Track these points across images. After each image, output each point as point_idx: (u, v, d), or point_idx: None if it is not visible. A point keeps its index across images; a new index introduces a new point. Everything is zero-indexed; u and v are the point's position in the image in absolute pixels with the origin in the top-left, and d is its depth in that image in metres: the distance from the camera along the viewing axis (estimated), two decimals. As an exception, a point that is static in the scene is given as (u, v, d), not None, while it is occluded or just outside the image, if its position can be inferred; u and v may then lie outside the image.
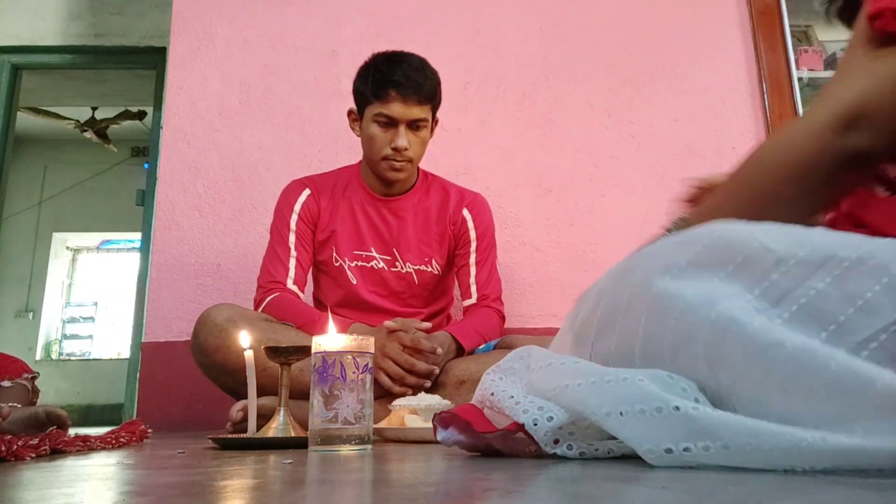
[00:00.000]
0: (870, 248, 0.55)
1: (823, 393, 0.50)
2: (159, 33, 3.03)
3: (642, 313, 0.61)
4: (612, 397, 0.58)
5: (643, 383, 0.57)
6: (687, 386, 0.57)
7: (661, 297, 0.60)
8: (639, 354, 0.63)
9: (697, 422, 0.54)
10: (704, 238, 0.60)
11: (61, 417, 1.08)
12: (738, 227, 0.60)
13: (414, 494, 0.47)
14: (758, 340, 0.54)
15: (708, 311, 0.57)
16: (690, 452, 0.53)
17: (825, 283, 0.55)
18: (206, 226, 2.20)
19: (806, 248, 0.57)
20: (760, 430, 0.51)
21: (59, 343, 6.19)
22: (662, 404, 0.55)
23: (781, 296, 0.56)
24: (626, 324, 0.63)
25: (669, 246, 0.62)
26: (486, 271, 1.72)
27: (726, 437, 0.52)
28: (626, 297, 0.63)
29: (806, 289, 0.56)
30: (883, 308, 0.53)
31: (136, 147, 6.01)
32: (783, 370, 0.52)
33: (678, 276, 0.60)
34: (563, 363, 0.66)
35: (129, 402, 2.72)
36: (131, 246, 6.32)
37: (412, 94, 1.55)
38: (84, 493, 0.52)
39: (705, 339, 0.57)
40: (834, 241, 0.57)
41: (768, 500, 0.40)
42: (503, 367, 0.76)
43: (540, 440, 0.63)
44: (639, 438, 0.56)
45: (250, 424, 1.11)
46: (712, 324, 0.56)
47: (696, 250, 0.60)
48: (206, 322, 1.48)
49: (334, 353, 0.91)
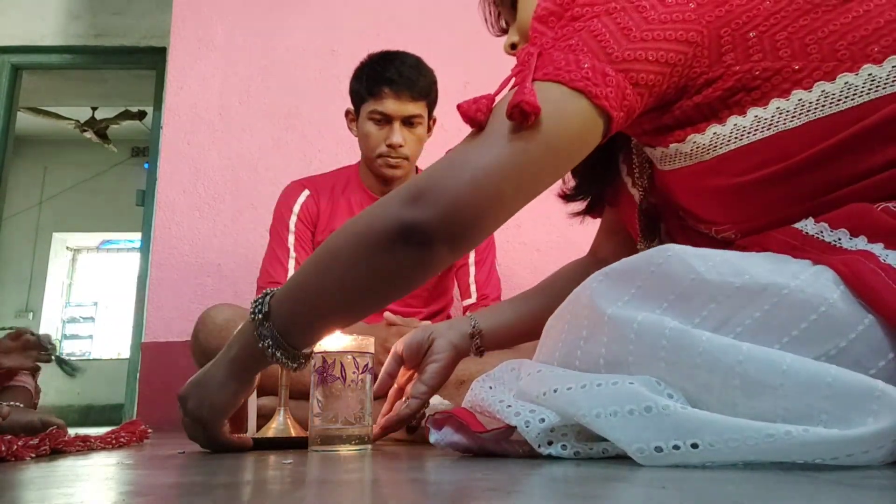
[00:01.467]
0: (804, 280, 0.57)
1: (781, 389, 0.53)
2: (159, 33, 3.03)
3: (602, 339, 0.63)
4: (602, 399, 0.59)
5: (633, 386, 0.58)
6: (673, 392, 0.59)
7: (614, 321, 0.61)
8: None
9: (686, 421, 0.55)
10: (643, 272, 0.62)
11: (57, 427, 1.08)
12: (676, 259, 0.61)
13: (414, 494, 0.47)
14: (713, 347, 0.56)
15: (661, 328, 0.58)
16: (679, 451, 0.54)
17: (763, 311, 0.57)
18: (206, 226, 2.20)
19: (743, 278, 0.58)
20: (745, 427, 0.53)
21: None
22: (651, 403, 0.57)
23: (720, 325, 0.58)
24: (587, 353, 0.64)
25: (611, 280, 0.63)
26: (485, 271, 1.72)
27: (713, 435, 0.53)
28: (585, 331, 0.64)
29: (742, 317, 0.58)
30: (814, 339, 0.55)
31: (136, 147, 6.01)
32: (742, 371, 0.54)
33: (623, 307, 0.62)
34: (552, 370, 0.67)
35: (129, 402, 2.72)
36: (131, 246, 6.32)
37: (406, 91, 1.56)
38: (84, 493, 0.52)
39: (664, 354, 0.58)
40: (771, 271, 0.59)
41: (768, 500, 0.40)
42: (493, 376, 0.77)
43: (532, 441, 0.64)
44: (628, 438, 0.57)
45: (250, 424, 1.11)
46: (668, 339, 0.58)
47: (637, 284, 0.62)
48: (206, 322, 1.48)
49: (334, 353, 0.91)
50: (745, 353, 0.55)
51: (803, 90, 0.63)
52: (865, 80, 0.62)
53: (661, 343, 0.59)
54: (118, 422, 1.77)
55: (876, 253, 0.58)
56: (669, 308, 0.61)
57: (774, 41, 0.64)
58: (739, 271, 0.59)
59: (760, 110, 0.64)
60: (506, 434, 0.68)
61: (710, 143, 0.67)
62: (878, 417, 0.50)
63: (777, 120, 0.64)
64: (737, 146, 0.66)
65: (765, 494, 0.42)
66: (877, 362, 0.55)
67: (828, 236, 0.63)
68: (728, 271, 0.59)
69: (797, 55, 0.63)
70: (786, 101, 0.63)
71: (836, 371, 0.52)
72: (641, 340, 0.59)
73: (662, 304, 0.61)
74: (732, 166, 0.67)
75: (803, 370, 0.53)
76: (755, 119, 0.65)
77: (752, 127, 0.65)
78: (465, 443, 0.73)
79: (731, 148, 0.66)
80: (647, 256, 0.63)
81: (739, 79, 0.65)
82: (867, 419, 0.50)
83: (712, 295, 0.59)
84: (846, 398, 0.51)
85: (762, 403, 0.54)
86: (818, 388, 0.52)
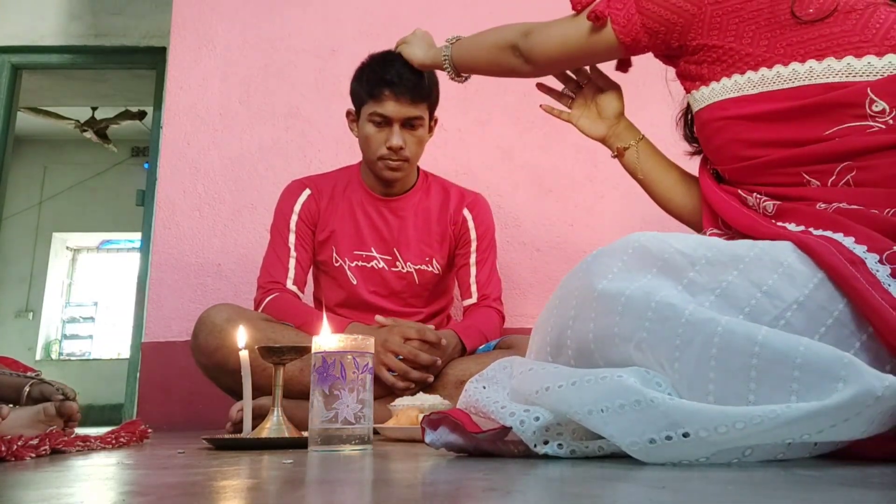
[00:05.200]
0: (762, 247, 0.71)
1: (755, 361, 0.59)
2: (159, 33, 3.03)
3: (590, 315, 0.70)
4: (592, 395, 0.61)
5: (622, 379, 0.61)
6: (661, 381, 0.62)
7: (604, 295, 0.69)
8: (597, 354, 0.68)
9: (675, 411, 0.57)
10: (628, 248, 0.74)
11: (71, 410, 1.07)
12: (652, 237, 0.73)
13: (414, 494, 0.47)
14: (693, 320, 0.63)
15: (648, 300, 0.66)
16: (672, 441, 0.56)
17: (733, 276, 0.69)
18: (206, 226, 2.20)
19: (712, 251, 0.71)
20: (732, 414, 0.56)
21: (59, 343, 6.19)
22: (640, 397, 0.58)
23: (700, 289, 0.69)
24: (578, 330, 0.71)
25: (600, 258, 0.75)
26: (486, 271, 1.72)
27: (702, 423, 0.56)
28: (573, 310, 0.72)
29: (719, 282, 0.69)
30: (783, 291, 0.66)
31: (136, 147, 6.00)
32: (719, 343, 0.61)
33: (613, 279, 0.71)
34: (543, 368, 0.69)
35: (129, 402, 2.72)
36: (131, 246, 6.32)
37: (406, 93, 1.55)
38: (84, 493, 0.52)
39: (648, 325, 0.65)
40: (731, 245, 0.72)
41: (768, 500, 0.40)
42: (486, 376, 0.78)
43: (528, 440, 0.64)
44: (621, 433, 0.58)
45: (245, 424, 1.11)
46: (653, 311, 0.65)
47: (623, 258, 0.73)
48: (205, 322, 1.48)
49: (334, 353, 0.91)
50: (723, 324, 0.61)
51: (766, 68, 0.87)
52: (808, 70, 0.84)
53: (646, 315, 0.65)
54: (118, 422, 1.77)
55: (811, 231, 0.75)
56: (656, 276, 0.70)
57: (749, 30, 0.88)
58: (708, 246, 0.71)
59: (738, 76, 0.89)
60: (501, 434, 0.68)
61: (701, 96, 0.94)
62: (847, 383, 0.55)
63: (745, 85, 0.88)
64: (715, 100, 0.91)
65: (765, 494, 0.42)
66: (837, 305, 0.65)
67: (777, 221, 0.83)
68: (698, 246, 0.71)
69: (768, 45, 0.87)
70: (754, 74, 0.87)
71: (807, 342, 0.59)
72: (628, 312, 0.66)
73: (649, 274, 0.70)
74: (710, 116, 0.92)
75: (778, 340, 0.59)
76: (734, 83, 0.89)
77: (726, 88, 0.90)
78: (461, 443, 0.74)
79: (711, 101, 0.92)
80: (626, 239, 0.75)
81: (725, 51, 0.89)
82: (837, 385, 0.55)
83: (690, 264, 0.70)
84: (817, 366, 0.57)
85: (735, 375, 0.59)
86: (791, 356, 0.58)
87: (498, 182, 2.20)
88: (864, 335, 0.64)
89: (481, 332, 1.62)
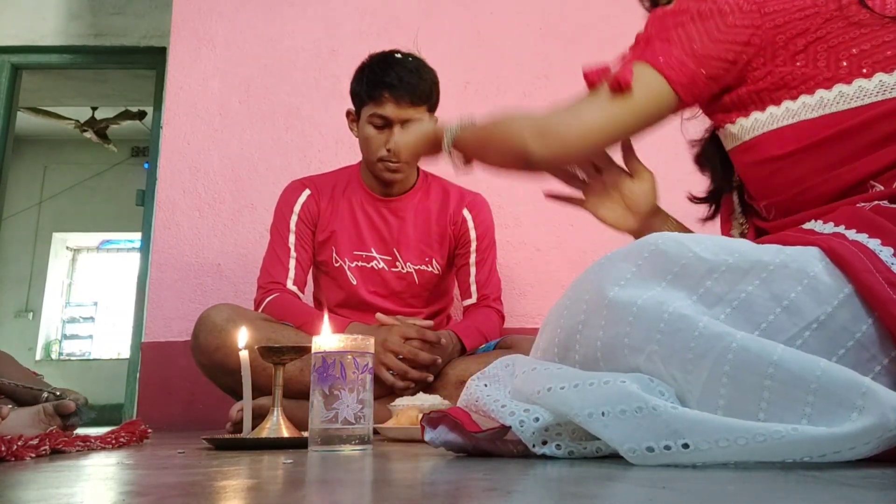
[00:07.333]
0: (789, 254, 0.65)
1: (768, 382, 0.56)
2: (159, 33, 3.02)
3: (600, 323, 0.67)
4: (594, 398, 0.60)
5: (625, 384, 0.59)
6: (665, 390, 0.60)
7: (615, 304, 0.66)
8: (602, 362, 0.66)
9: (676, 421, 0.56)
10: (644, 252, 0.69)
11: (68, 409, 1.07)
12: (670, 239, 0.69)
13: (414, 494, 0.47)
14: (707, 333, 0.60)
15: (660, 310, 0.63)
16: (671, 451, 0.55)
17: (754, 285, 0.64)
18: (206, 226, 2.20)
19: (734, 256, 0.66)
20: (735, 427, 0.54)
21: (59, 343, 6.18)
22: (643, 404, 0.57)
23: (717, 300, 0.64)
24: (586, 337, 0.68)
25: (613, 261, 0.70)
26: (485, 271, 1.72)
27: (703, 435, 0.54)
28: (583, 315, 0.69)
29: (738, 292, 0.64)
30: (805, 308, 0.62)
31: (136, 147, 6.00)
32: (733, 360, 0.58)
33: (626, 286, 0.67)
34: (546, 368, 0.68)
35: (129, 402, 2.71)
36: (131, 246, 6.31)
37: (405, 96, 1.55)
38: (84, 493, 0.52)
39: (659, 337, 0.62)
40: (757, 249, 0.67)
41: (768, 500, 0.40)
42: (488, 374, 0.77)
43: (527, 441, 0.64)
44: (620, 438, 0.57)
45: (245, 424, 1.11)
46: (665, 322, 0.62)
47: (638, 263, 0.68)
48: (205, 322, 1.48)
49: (334, 353, 0.91)
50: (738, 340, 0.58)
51: (825, 90, 0.78)
52: (875, 87, 0.76)
53: (658, 326, 0.62)
54: (118, 422, 1.76)
55: (846, 234, 0.68)
56: (669, 285, 0.65)
57: (816, 52, 0.79)
58: (731, 250, 0.66)
59: (790, 103, 0.80)
60: (500, 433, 0.68)
61: (751, 126, 0.83)
62: (862, 413, 0.52)
63: (801, 111, 0.79)
64: (769, 129, 0.82)
65: (765, 494, 0.42)
66: (860, 326, 0.61)
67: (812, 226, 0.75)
68: (720, 250, 0.66)
69: (830, 65, 0.78)
70: (810, 98, 0.79)
71: (825, 365, 0.55)
72: (640, 323, 0.63)
73: (662, 283, 0.66)
74: (765, 146, 0.82)
75: (794, 361, 0.56)
76: (785, 109, 0.80)
77: (782, 115, 0.80)
78: (460, 442, 0.74)
79: (765, 130, 0.82)
80: (643, 240, 0.70)
81: (781, 77, 0.80)
82: (851, 414, 0.52)
83: (708, 271, 0.65)
84: (833, 392, 0.54)
85: (747, 393, 0.56)
86: (807, 380, 0.55)
87: (498, 182, 2.20)
88: (887, 359, 0.61)
89: (481, 332, 1.62)
